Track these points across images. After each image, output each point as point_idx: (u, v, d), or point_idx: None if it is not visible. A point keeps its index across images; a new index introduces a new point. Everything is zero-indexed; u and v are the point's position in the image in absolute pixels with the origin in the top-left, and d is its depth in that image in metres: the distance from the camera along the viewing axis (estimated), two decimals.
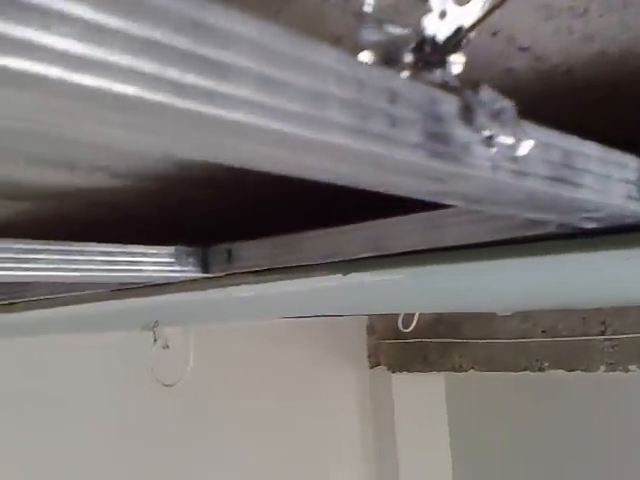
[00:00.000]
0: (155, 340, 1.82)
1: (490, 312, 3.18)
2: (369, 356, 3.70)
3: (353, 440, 3.46)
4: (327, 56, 0.25)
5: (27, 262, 0.72)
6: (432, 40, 0.32)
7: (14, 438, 2.25)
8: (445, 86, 0.31)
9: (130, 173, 0.83)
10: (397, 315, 2.89)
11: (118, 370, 2.41)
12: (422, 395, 3.67)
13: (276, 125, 0.24)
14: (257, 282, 0.88)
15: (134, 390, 2.39)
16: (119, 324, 1.92)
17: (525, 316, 3.26)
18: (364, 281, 0.79)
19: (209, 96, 0.23)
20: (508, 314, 3.26)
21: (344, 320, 3.34)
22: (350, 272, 0.77)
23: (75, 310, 1.12)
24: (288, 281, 0.84)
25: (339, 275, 0.78)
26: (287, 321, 2.93)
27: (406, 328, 2.72)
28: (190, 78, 0.22)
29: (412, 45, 0.32)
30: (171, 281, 0.91)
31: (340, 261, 0.77)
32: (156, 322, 1.82)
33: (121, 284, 0.95)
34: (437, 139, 0.28)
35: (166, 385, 1.77)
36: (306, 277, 0.82)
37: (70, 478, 2.36)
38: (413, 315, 2.74)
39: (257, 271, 0.87)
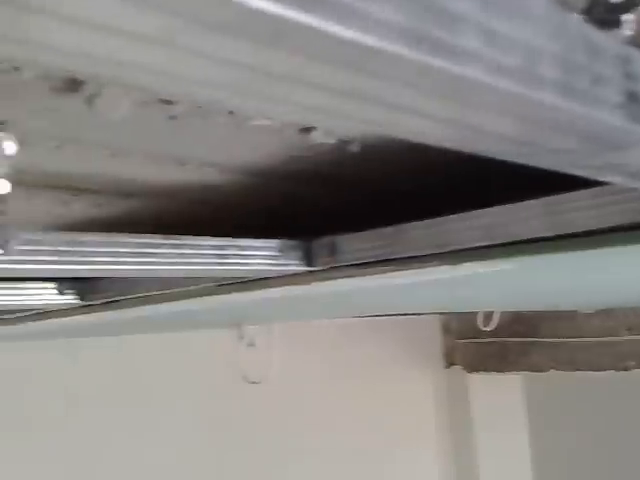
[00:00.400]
0: (241, 338, 1.86)
1: (571, 310, 3.08)
2: (444, 355, 3.65)
3: (429, 440, 3.42)
4: (538, 7, 0.24)
5: (146, 256, 0.74)
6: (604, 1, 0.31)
7: (102, 436, 2.34)
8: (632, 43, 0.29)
9: (238, 168, 0.84)
10: (475, 314, 2.84)
11: (204, 368, 2.46)
12: (500, 395, 3.59)
13: (502, 82, 0.23)
14: (362, 275, 0.88)
15: (220, 387, 2.44)
16: (208, 322, 1.96)
17: (608, 314, 3.15)
18: (475, 272, 0.77)
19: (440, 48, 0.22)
20: (590, 312, 3.16)
21: (418, 319, 3.31)
22: (461, 263, 0.76)
23: (175, 307, 1.14)
24: (394, 273, 0.84)
25: (449, 266, 0.77)
26: (362, 319, 2.93)
27: (486, 327, 2.67)
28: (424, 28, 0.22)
29: (582, 5, 0.31)
30: (275, 275, 0.91)
31: (450, 251, 0.76)
32: (241, 320, 1.85)
33: (224, 278, 0.97)
34: (637, 100, 0.27)
35: (252, 382, 1.79)
36: (414, 268, 0.81)
37: (157, 476, 2.42)
38: (492, 313, 2.69)
39: (362, 264, 0.87)
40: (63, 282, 1.15)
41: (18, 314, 1.27)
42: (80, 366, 2.32)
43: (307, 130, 0.71)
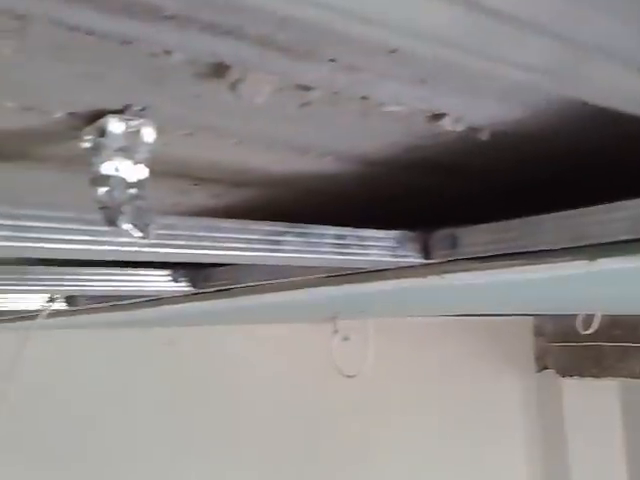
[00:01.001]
0: (335, 332, 1.85)
1: None
2: (536, 359, 3.53)
3: (517, 444, 3.32)
4: None
5: (273, 244, 0.74)
6: None
7: (197, 424, 2.40)
8: None
9: (357, 158, 0.83)
10: (574, 316, 2.72)
11: (298, 360, 2.49)
12: (594, 401, 3.44)
13: None
14: (483, 269, 0.85)
15: (314, 380, 2.46)
16: (308, 315, 1.97)
17: None
18: (612, 268, 0.73)
19: None
20: None
21: (510, 320, 3.22)
22: (598, 257, 0.72)
23: (282, 297, 1.15)
24: (522, 267, 0.80)
25: (585, 261, 0.73)
26: (453, 319, 2.87)
27: (585, 330, 2.55)
28: None
29: None
30: (392, 267, 0.90)
31: (586, 245, 0.72)
32: (336, 314, 1.85)
33: (338, 269, 0.96)
34: None
35: (347, 376, 1.79)
36: (543, 263, 0.77)
37: (249, 464, 2.46)
38: (593, 316, 2.57)
39: (484, 257, 0.84)
40: (177, 270, 1.18)
41: (133, 300, 1.32)
42: (176, 356, 2.39)
43: (437, 117, 0.69)
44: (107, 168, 0.64)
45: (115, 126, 0.63)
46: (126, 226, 0.62)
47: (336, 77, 0.58)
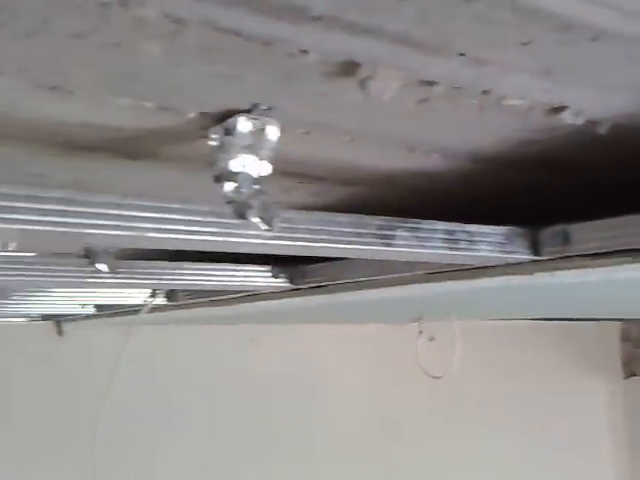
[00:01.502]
0: (420, 332, 1.85)
1: None
2: (623, 365, 3.40)
3: (603, 453, 3.21)
4: None
5: (385, 238, 0.75)
6: None
7: (274, 420, 2.43)
8: None
9: (466, 154, 0.84)
10: None
11: (383, 360, 2.51)
12: None
13: None
14: (596, 266, 0.83)
15: (400, 381, 2.47)
16: (391, 315, 1.98)
17: None
18: None
19: None
20: None
21: (595, 325, 3.12)
22: None
23: (376, 294, 1.16)
24: (633, 265, 0.78)
25: None
26: (537, 322, 2.81)
27: None
28: None
29: None
30: (501, 263, 0.89)
31: None
32: (421, 314, 1.84)
33: (440, 265, 0.97)
34: None
35: (433, 377, 1.78)
36: None
37: (335, 465, 2.49)
38: None
39: (596, 254, 0.82)
40: (276, 266, 1.22)
41: (231, 296, 1.36)
42: (258, 352, 2.44)
43: (556, 110, 0.69)
44: (235, 165, 0.67)
45: (243, 125, 0.66)
46: (255, 219, 0.65)
47: (462, 71, 0.59)
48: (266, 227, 0.66)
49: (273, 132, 0.67)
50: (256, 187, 0.67)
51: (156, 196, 0.63)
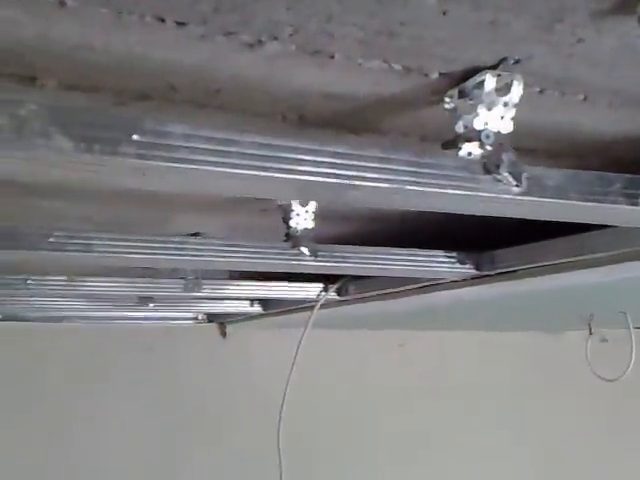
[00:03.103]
0: (591, 334, 1.76)
1: None
2: None
3: None
4: None
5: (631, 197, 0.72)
6: None
7: (428, 425, 2.39)
8: None
9: None
10: None
11: (552, 363, 2.43)
12: None
13: None
14: None
15: (568, 383, 2.37)
16: (558, 316, 1.90)
17: None
18: None
19: None
20: None
21: None
22: None
23: (573, 278, 1.11)
24: None
25: None
26: None
27: None
28: None
29: None
30: None
31: None
32: (591, 315, 1.76)
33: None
34: None
35: (607, 380, 1.68)
36: None
37: (474, 467, 2.41)
38: None
39: None
40: (460, 252, 1.21)
41: (405, 287, 1.36)
42: (406, 357, 2.42)
43: None
44: (478, 123, 0.67)
45: (490, 82, 0.66)
46: (505, 174, 0.65)
47: None
48: (515, 182, 0.65)
49: (517, 89, 0.67)
50: (500, 144, 0.67)
51: (411, 150, 0.64)
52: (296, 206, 1.07)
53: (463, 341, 2.45)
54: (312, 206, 1.07)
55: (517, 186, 0.65)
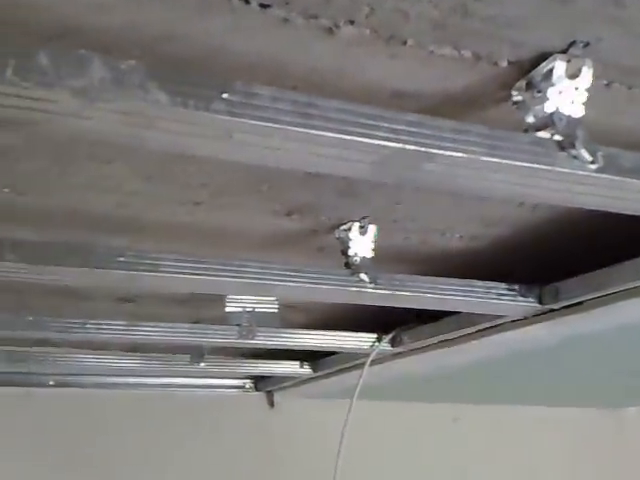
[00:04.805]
0: None
1: None
2: None
3: None
4: None
5: None
6: None
7: None
8: None
9: None
10: None
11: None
12: None
13: None
14: None
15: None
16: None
17: None
18: None
19: None
20: None
21: None
22: None
23: None
24: None
25: None
26: None
27: None
28: None
29: None
30: None
31: None
32: None
33: None
34: None
35: None
36: None
37: None
38: None
39: None
40: (522, 285, 1.18)
41: (466, 331, 1.32)
42: (459, 432, 2.31)
43: None
44: (549, 106, 0.68)
45: (559, 67, 0.67)
46: (580, 151, 0.65)
47: None
48: (591, 159, 0.65)
49: (587, 73, 0.68)
50: (573, 126, 0.67)
51: (484, 126, 0.65)
52: (354, 234, 1.07)
53: (519, 416, 2.34)
54: (371, 234, 1.08)
55: (593, 162, 0.65)
